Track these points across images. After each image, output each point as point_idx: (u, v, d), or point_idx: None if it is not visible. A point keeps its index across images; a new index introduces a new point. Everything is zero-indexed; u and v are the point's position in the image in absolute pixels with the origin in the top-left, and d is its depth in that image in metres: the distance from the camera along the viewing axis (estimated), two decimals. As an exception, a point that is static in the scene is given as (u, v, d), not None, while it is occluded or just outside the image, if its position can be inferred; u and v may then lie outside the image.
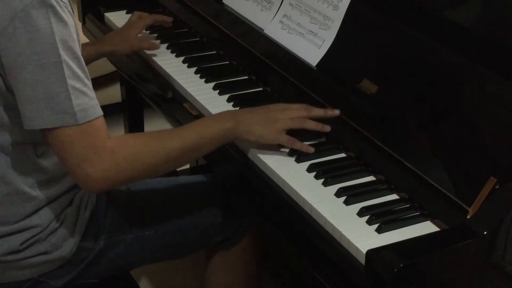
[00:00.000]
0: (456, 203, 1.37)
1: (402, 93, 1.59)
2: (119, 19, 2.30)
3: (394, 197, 1.48)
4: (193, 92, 1.86)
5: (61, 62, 1.37)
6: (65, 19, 1.38)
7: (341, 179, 1.52)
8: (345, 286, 1.38)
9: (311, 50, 1.77)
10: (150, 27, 2.19)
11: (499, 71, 1.43)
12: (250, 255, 1.85)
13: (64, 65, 1.37)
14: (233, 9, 2.03)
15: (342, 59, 1.73)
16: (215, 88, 1.87)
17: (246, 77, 1.94)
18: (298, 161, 1.58)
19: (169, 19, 2.17)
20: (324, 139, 1.66)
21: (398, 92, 1.60)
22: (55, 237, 1.56)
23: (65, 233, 1.57)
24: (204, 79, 1.92)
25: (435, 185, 1.41)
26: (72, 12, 1.44)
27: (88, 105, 1.40)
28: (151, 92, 2.04)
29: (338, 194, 1.48)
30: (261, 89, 1.89)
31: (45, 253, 1.55)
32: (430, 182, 1.42)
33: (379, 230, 1.37)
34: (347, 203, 1.46)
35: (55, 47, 1.36)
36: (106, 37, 2.10)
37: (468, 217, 1.33)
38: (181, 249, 1.79)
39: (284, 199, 1.52)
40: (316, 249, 1.44)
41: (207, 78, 1.91)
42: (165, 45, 2.11)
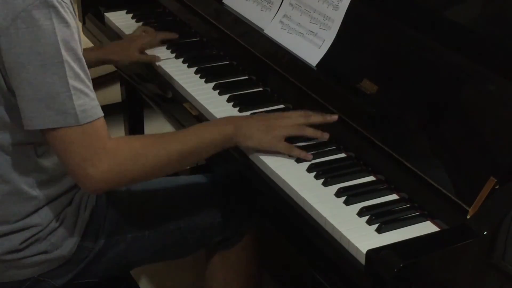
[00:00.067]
0: (456, 203, 1.37)
1: (402, 93, 1.59)
2: (119, 19, 2.30)
3: (394, 197, 1.48)
4: (193, 92, 1.86)
5: (62, 62, 1.37)
6: (67, 19, 1.38)
7: (341, 179, 1.52)
8: (345, 286, 1.38)
9: (311, 50, 1.77)
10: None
11: (499, 71, 1.43)
12: (250, 255, 1.85)
13: (65, 66, 1.37)
14: (233, 9, 2.03)
15: (342, 59, 1.73)
16: (215, 88, 1.87)
17: (246, 77, 1.94)
18: (298, 161, 1.58)
19: (174, 35, 2.15)
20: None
21: (398, 92, 1.60)
22: (55, 236, 1.56)
23: (65, 232, 1.57)
24: (204, 79, 1.92)
25: (435, 185, 1.41)
26: (74, 13, 1.44)
27: (89, 105, 1.40)
28: (151, 92, 2.04)
29: (338, 194, 1.48)
30: (261, 89, 1.89)
31: (45, 252, 1.55)
32: (430, 182, 1.42)
33: (379, 230, 1.37)
34: (347, 203, 1.46)
35: (57, 47, 1.36)
36: (107, 46, 2.10)
37: (468, 217, 1.33)
38: (181, 249, 1.79)
39: (284, 199, 1.52)
40: (316, 249, 1.44)
41: (207, 78, 1.91)
42: (165, 45, 2.11)
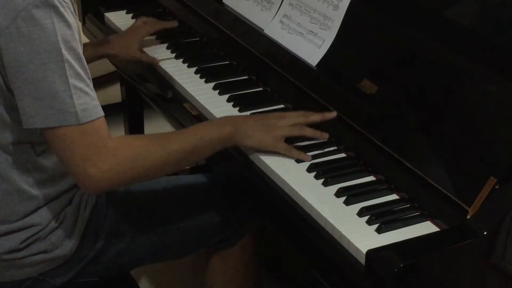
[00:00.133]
0: (456, 203, 1.37)
1: (402, 93, 1.59)
2: (119, 19, 2.30)
3: (394, 197, 1.48)
4: (193, 92, 1.86)
5: (63, 61, 1.37)
6: (68, 19, 1.38)
7: (341, 179, 1.52)
8: (345, 286, 1.38)
9: (311, 50, 1.77)
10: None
11: (499, 71, 1.43)
12: (249, 255, 1.85)
13: (66, 65, 1.37)
14: (233, 9, 2.03)
15: (342, 59, 1.73)
16: (215, 88, 1.87)
17: (246, 77, 1.94)
18: (298, 161, 1.58)
19: (173, 23, 2.16)
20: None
21: (398, 92, 1.60)
22: (55, 235, 1.56)
23: (65, 232, 1.57)
24: (204, 79, 1.92)
25: (435, 185, 1.41)
26: (75, 12, 1.44)
27: (89, 105, 1.40)
28: (151, 92, 2.04)
29: (338, 194, 1.48)
30: (261, 89, 1.89)
31: (45, 251, 1.55)
32: (430, 182, 1.42)
33: (379, 230, 1.37)
34: (347, 203, 1.46)
35: (57, 46, 1.36)
36: (107, 39, 2.09)
37: (468, 217, 1.33)
38: (181, 249, 1.79)
39: (284, 199, 1.52)
40: (316, 249, 1.44)
41: (207, 78, 1.91)
42: (165, 45, 2.11)
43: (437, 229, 1.39)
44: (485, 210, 1.31)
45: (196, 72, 1.96)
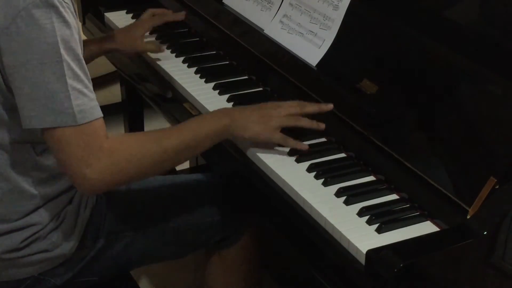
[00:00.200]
0: (456, 203, 1.37)
1: (402, 93, 1.59)
2: (119, 19, 2.30)
3: (394, 197, 1.48)
4: (193, 92, 1.86)
5: (62, 62, 1.37)
6: (67, 19, 1.38)
7: (341, 179, 1.52)
8: (345, 286, 1.38)
9: (311, 50, 1.77)
10: None
11: (499, 71, 1.43)
12: (249, 255, 1.85)
13: (64, 65, 1.37)
14: (233, 9, 2.03)
15: (342, 59, 1.73)
16: (215, 88, 1.87)
17: (246, 77, 1.94)
18: (298, 161, 1.58)
19: (181, 15, 2.14)
20: (324, 139, 1.66)
21: (398, 92, 1.60)
22: (55, 235, 1.56)
23: (65, 231, 1.57)
24: (204, 79, 1.92)
25: (435, 185, 1.41)
26: (75, 13, 1.44)
27: (87, 106, 1.40)
28: (151, 92, 2.04)
29: (338, 194, 1.48)
30: (261, 89, 1.89)
31: (45, 251, 1.55)
32: (430, 182, 1.42)
33: (379, 230, 1.37)
34: (347, 203, 1.46)
35: (56, 47, 1.36)
36: (111, 33, 2.08)
37: (468, 217, 1.33)
38: (181, 249, 1.79)
39: (284, 199, 1.52)
40: (316, 249, 1.44)
41: (207, 78, 1.91)
42: (165, 45, 2.11)
43: (437, 229, 1.39)
44: (485, 210, 1.31)
45: (196, 72, 1.96)
